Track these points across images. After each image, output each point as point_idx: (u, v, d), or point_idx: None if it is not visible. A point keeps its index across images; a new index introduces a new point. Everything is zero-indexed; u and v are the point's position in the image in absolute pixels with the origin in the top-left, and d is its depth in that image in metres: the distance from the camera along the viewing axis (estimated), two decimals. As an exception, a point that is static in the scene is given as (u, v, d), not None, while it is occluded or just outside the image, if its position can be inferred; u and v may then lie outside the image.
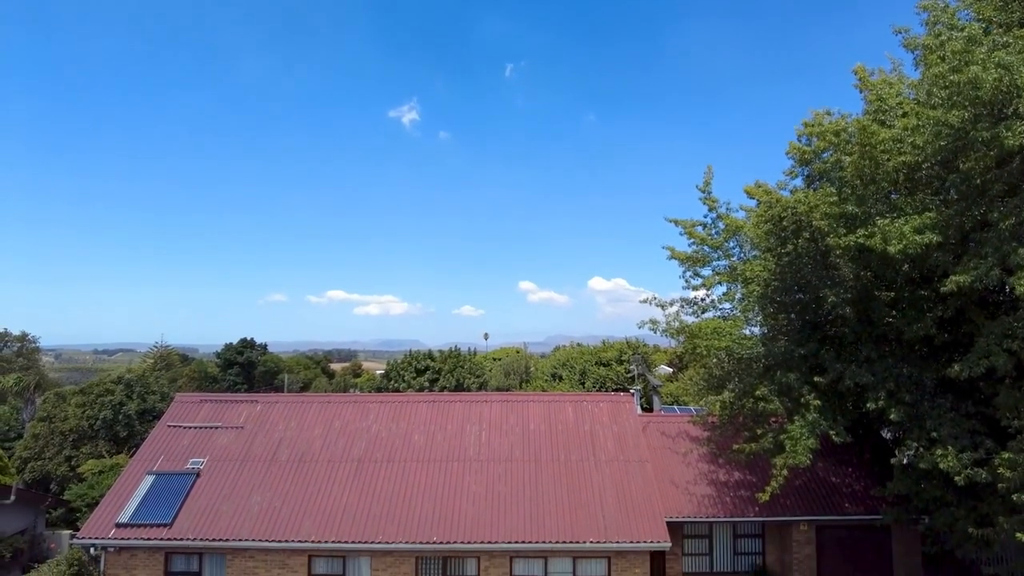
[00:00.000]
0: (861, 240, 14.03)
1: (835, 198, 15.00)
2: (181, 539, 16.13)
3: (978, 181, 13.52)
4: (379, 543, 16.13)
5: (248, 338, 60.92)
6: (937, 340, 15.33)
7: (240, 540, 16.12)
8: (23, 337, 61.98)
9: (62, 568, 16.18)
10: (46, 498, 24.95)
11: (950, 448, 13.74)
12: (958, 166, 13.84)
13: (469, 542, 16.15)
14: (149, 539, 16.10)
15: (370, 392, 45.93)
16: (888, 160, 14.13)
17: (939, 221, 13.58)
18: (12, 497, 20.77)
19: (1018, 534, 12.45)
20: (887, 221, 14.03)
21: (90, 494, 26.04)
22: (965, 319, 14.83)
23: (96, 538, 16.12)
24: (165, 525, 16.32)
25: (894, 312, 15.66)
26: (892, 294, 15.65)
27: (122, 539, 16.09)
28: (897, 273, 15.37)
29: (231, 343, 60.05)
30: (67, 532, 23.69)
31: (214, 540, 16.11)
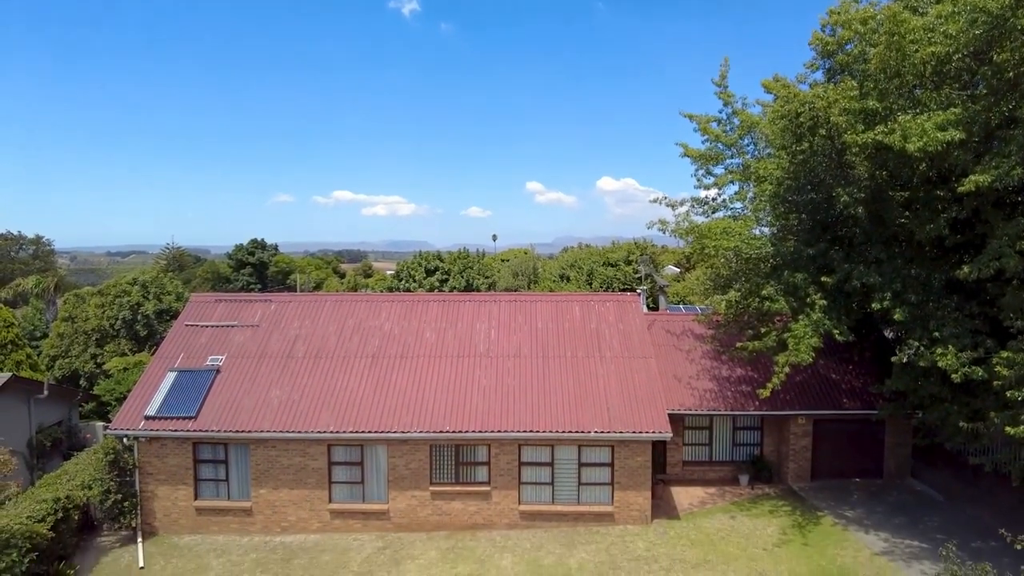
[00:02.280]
0: (879, 137, 13.65)
1: (856, 93, 14.44)
2: (206, 430, 17.04)
3: (1011, 74, 12.93)
4: (395, 432, 16.99)
5: (259, 239, 61.33)
6: (948, 241, 15.24)
7: (262, 431, 17.01)
8: (37, 240, 62.73)
9: (99, 456, 17.23)
10: (77, 392, 26.17)
11: (950, 347, 14.00)
12: (991, 57, 13.19)
13: (480, 431, 16.98)
14: (176, 430, 17.02)
15: (382, 292, 46.74)
16: (916, 51, 13.45)
17: (964, 117, 13.13)
18: (45, 392, 21.79)
19: (1008, 427, 12.93)
20: (908, 117, 13.58)
21: (118, 389, 27.31)
22: (979, 220, 14.65)
23: (127, 429, 17.06)
24: (190, 418, 17.18)
25: (907, 213, 15.47)
26: (906, 194, 15.39)
27: (151, 430, 17.02)
28: (914, 172, 15.05)
29: (242, 244, 60.57)
30: (100, 424, 25.05)
31: (237, 432, 17.01)
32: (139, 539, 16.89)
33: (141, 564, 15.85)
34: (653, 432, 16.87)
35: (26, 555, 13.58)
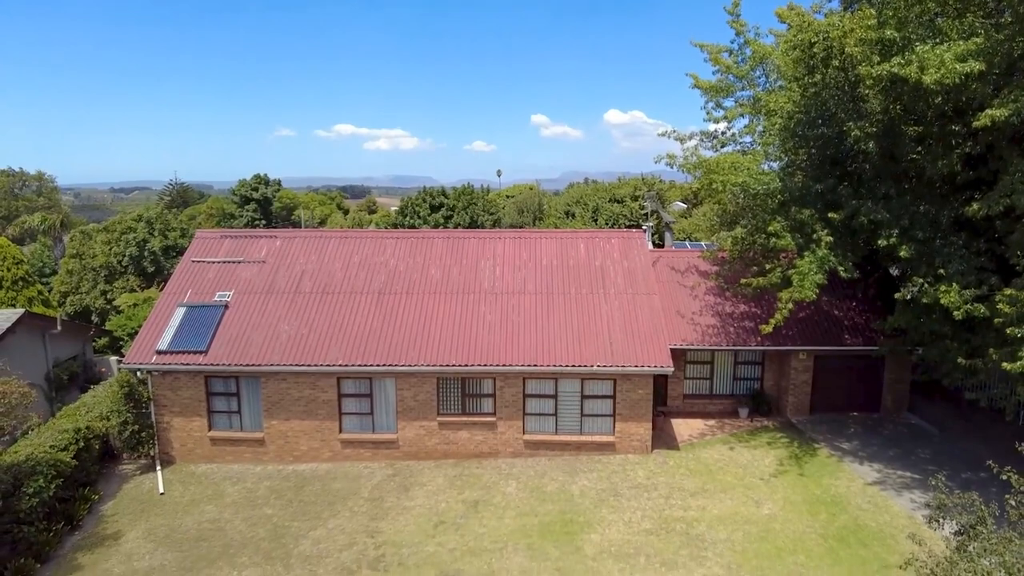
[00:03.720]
0: (895, 69, 13.25)
1: (873, 22, 13.90)
2: (217, 364, 17.42)
3: (1037, 1, 12.39)
4: (403, 366, 17.35)
5: (262, 174, 60.72)
6: (960, 178, 15.02)
7: (272, 365, 17.39)
8: (40, 176, 62.33)
9: (115, 389, 17.72)
10: (90, 328, 26.66)
11: (954, 284, 14.03)
12: (1019, -18, 12.61)
13: (485, 365, 17.32)
14: (188, 364, 17.41)
15: (386, 228, 46.66)
16: (940, -24, 12.88)
17: (985, 47, 12.68)
18: (58, 327, 22.22)
19: (1005, 364, 13.11)
20: (927, 47, 13.12)
21: (129, 324, 27.81)
22: (993, 156, 14.38)
23: (140, 363, 17.47)
24: (201, 352, 17.54)
25: (919, 148, 15.18)
26: (920, 129, 15.06)
27: (164, 364, 17.42)
28: (929, 106, 14.66)
29: (245, 179, 60.04)
30: (114, 358, 25.65)
31: (248, 365, 17.40)
32: (158, 467, 17.59)
33: (161, 490, 16.56)
34: (654, 366, 17.17)
35: (52, 481, 14.22)
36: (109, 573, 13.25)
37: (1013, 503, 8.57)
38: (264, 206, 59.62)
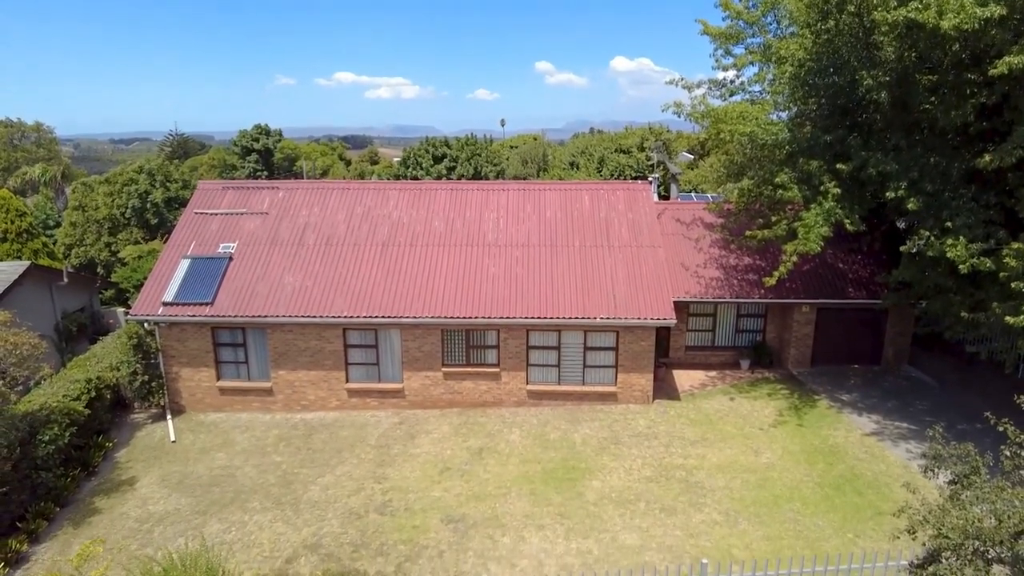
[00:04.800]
0: (912, 14, 12.84)
1: (892, -38, 13.39)
2: (223, 315, 17.58)
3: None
4: (407, 317, 17.49)
5: (263, 124, 59.87)
6: (973, 129, 14.72)
7: (277, 316, 17.54)
8: (38, 127, 61.54)
9: (123, 340, 17.94)
10: (95, 280, 26.83)
11: (961, 238, 13.93)
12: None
13: (489, 317, 17.44)
14: (194, 316, 17.57)
15: (389, 180, 46.22)
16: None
17: (1009, -10, 12.26)
18: (65, 279, 22.35)
19: (1008, 317, 13.13)
20: (947, -10, 12.67)
21: (134, 276, 27.97)
22: (1008, 107, 14.05)
23: (147, 315, 17.63)
24: (207, 303, 17.68)
25: (933, 98, 14.83)
26: (934, 78, 14.68)
27: (170, 316, 17.58)
28: (945, 54, 14.26)
29: (246, 130, 59.22)
30: (121, 310, 25.88)
31: (253, 316, 17.55)
32: (168, 416, 17.96)
33: (172, 438, 16.96)
34: (657, 319, 17.26)
35: (66, 429, 14.56)
36: (126, 516, 13.70)
37: (1008, 453, 8.71)
38: (266, 157, 59.00)
